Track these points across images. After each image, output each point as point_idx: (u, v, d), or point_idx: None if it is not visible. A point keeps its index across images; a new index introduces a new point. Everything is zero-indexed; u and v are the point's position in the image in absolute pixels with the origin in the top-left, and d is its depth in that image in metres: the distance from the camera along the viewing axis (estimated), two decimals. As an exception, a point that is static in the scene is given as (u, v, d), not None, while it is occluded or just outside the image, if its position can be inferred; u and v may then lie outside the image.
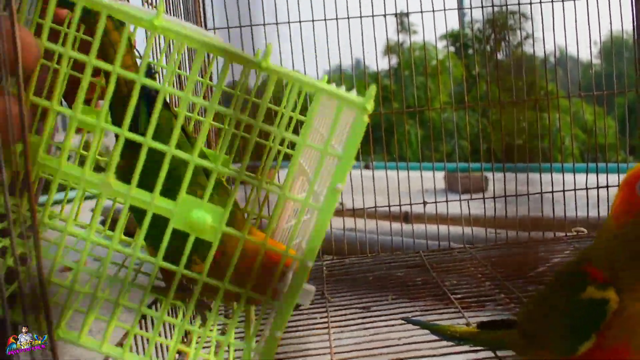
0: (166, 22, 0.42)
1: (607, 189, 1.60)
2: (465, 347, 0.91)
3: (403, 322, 1.02)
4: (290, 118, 0.69)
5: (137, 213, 0.48)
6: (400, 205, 1.61)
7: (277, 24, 1.62)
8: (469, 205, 1.62)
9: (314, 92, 0.44)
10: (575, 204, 1.58)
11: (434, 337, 0.95)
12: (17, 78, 0.35)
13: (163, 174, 0.44)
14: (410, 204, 1.62)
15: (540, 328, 0.73)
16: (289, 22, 1.61)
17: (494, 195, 1.62)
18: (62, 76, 0.46)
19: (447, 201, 1.61)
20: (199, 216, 0.45)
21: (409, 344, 0.96)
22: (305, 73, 1.71)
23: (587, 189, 1.60)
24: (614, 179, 1.60)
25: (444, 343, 0.93)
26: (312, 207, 0.45)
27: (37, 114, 0.56)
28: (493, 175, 1.67)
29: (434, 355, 0.91)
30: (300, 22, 1.62)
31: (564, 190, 1.60)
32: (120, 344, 0.73)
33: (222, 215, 0.46)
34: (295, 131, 0.72)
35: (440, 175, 2.29)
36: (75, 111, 0.45)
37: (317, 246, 0.45)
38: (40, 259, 0.37)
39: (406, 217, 1.84)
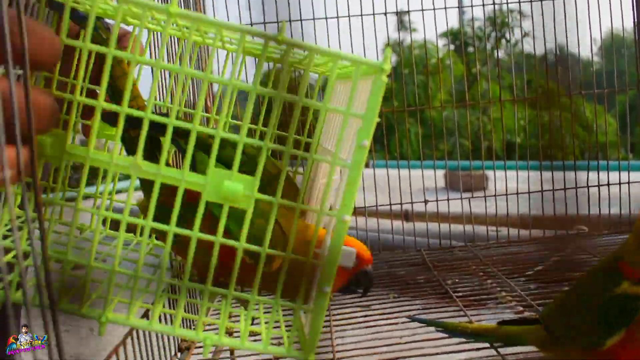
0: (182, 10, 0.44)
1: (608, 187, 1.60)
2: (467, 346, 0.92)
3: (406, 320, 1.03)
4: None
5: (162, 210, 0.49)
6: (401, 203, 1.61)
7: (277, 22, 1.61)
8: (470, 204, 1.62)
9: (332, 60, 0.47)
10: (577, 201, 1.58)
11: (437, 336, 0.95)
12: (24, 70, 0.34)
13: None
14: (412, 202, 1.62)
15: (568, 322, 0.74)
16: (290, 21, 1.61)
17: (495, 193, 1.62)
18: (81, 70, 0.48)
19: (448, 199, 1.61)
20: (231, 186, 0.46)
21: (411, 342, 0.95)
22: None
23: (588, 187, 1.60)
24: (614, 177, 1.60)
25: (447, 342, 0.93)
26: (342, 164, 0.47)
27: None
28: (494, 173, 1.67)
29: (437, 354, 0.91)
30: (301, 20, 1.62)
31: (564, 189, 1.60)
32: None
33: (253, 183, 0.47)
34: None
35: (440, 173, 2.28)
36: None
37: (351, 201, 0.47)
38: (46, 246, 0.37)
39: (407, 216, 1.85)
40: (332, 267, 0.48)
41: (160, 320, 0.51)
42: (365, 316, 1.10)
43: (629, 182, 1.60)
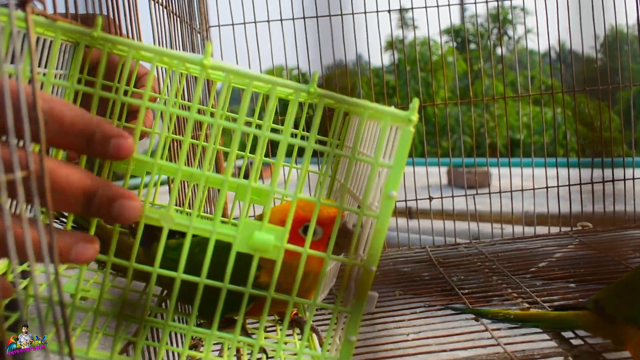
0: (214, 62, 0.44)
1: (613, 183, 1.60)
2: (474, 343, 0.92)
3: (412, 317, 1.04)
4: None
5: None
6: (405, 200, 1.61)
7: (282, 20, 1.62)
8: (474, 201, 1.62)
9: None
10: (581, 198, 1.58)
11: (443, 333, 0.96)
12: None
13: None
14: (416, 199, 1.62)
15: (627, 304, 0.79)
16: (306, 17, 1.62)
17: (499, 190, 1.62)
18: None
19: (452, 196, 1.62)
20: (262, 237, 0.46)
21: (417, 339, 0.96)
22: (299, 68, 1.72)
23: (592, 183, 1.60)
24: (619, 173, 1.60)
25: (452, 339, 0.94)
26: (369, 215, 0.47)
27: None
28: (499, 170, 1.67)
29: (443, 351, 0.91)
30: (304, 18, 1.62)
31: (569, 185, 1.60)
32: None
33: (284, 233, 0.47)
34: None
35: (443, 170, 2.29)
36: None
37: (378, 251, 0.47)
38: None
39: (410, 213, 1.85)
40: (358, 316, 0.48)
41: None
42: (371, 313, 1.10)
43: (633, 178, 1.60)
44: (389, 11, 1.68)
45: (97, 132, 0.40)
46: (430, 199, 1.62)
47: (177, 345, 1.03)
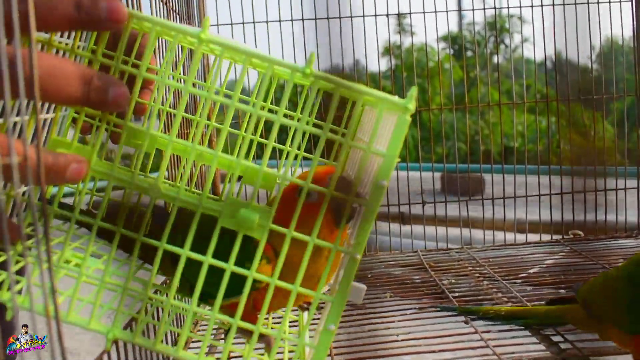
0: (212, 35, 0.45)
1: (605, 192, 1.61)
2: (463, 345, 0.92)
3: (402, 319, 1.05)
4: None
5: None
6: (399, 204, 1.62)
7: (280, 21, 1.62)
8: (467, 207, 1.63)
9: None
10: (573, 206, 1.59)
11: (433, 334, 0.96)
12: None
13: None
14: (409, 204, 1.62)
15: (614, 307, 0.79)
16: (305, 18, 1.62)
17: (492, 196, 1.63)
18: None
19: (445, 202, 1.62)
20: (248, 214, 0.47)
21: (407, 340, 0.96)
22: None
23: (584, 191, 1.61)
24: (611, 183, 1.61)
25: (442, 340, 0.94)
26: (358, 202, 0.46)
27: None
28: (492, 177, 1.68)
29: (432, 352, 0.92)
30: (302, 20, 1.62)
31: (561, 193, 1.61)
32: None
33: (270, 213, 0.47)
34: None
35: (437, 176, 2.29)
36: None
37: (364, 240, 0.46)
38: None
39: (403, 217, 1.85)
40: (340, 305, 0.47)
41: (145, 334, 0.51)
42: (362, 314, 1.10)
43: (625, 188, 1.61)
44: (387, 15, 1.68)
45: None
46: (424, 203, 1.63)
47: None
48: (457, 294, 1.16)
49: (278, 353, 0.63)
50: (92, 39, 0.50)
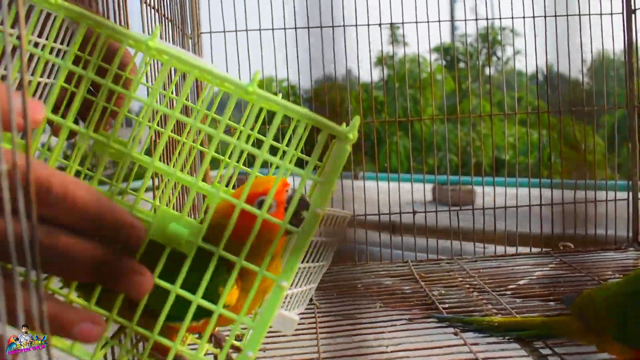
0: (160, 44, 0.45)
1: (595, 205, 1.61)
2: (453, 357, 0.92)
3: (392, 330, 1.04)
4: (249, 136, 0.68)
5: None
6: (390, 213, 1.62)
7: (273, 29, 1.63)
8: (458, 218, 1.63)
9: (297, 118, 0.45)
10: (563, 219, 1.59)
11: (423, 346, 0.96)
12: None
13: None
14: (400, 213, 1.62)
15: (615, 320, 0.78)
16: (298, 27, 1.62)
17: (482, 207, 1.63)
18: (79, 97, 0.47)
19: (436, 211, 1.62)
20: (176, 229, 0.46)
21: (397, 351, 0.96)
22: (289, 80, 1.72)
23: (575, 202, 1.61)
24: (601, 195, 1.62)
25: (432, 352, 0.94)
26: (291, 229, 0.45)
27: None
28: (483, 189, 1.68)
29: (423, 364, 0.92)
30: (295, 28, 1.63)
31: (552, 204, 1.62)
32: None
33: (200, 230, 0.46)
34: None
35: (428, 187, 2.30)
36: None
37: (294, 267, 0.45)
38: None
39: (393, 227, 1.86)
40: (261, 333, 0.45)
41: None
42: (352, 324, 1.10)
43: (615, 200, 1.62)
44: (380, 25, 1.69)
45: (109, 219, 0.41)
46: (414, 212, 1.62)
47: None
48: (447, 305, 1.16)
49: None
50: (74, 44, 0.49)
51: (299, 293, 1.06)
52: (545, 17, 1.64)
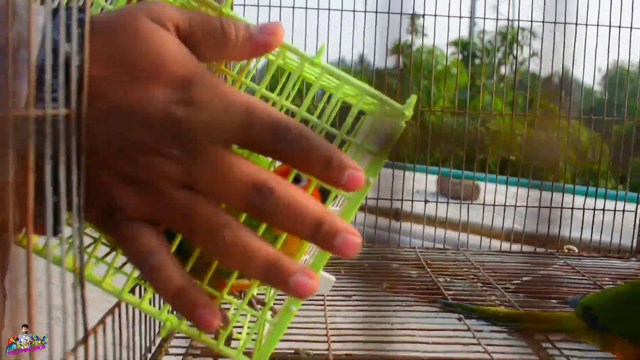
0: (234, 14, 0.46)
1: (602, 212, 1.65)
2: (457, 340, 0.95)
3: (397, 309, 1.07)
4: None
5: None
6: (402, 200, 1.65)
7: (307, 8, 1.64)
8: (468, 212, 1.67)
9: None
10: (571, 222, 1.63)
11: (427, 327, 0.98)
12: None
13: None
14: (412, 200, 1.66)
15: (630, 321, 0.82)
16: (306, 8, 1.64)
17: (483, 202, 1.66)
18: None
19: (447, 202, 1.65)
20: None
21: (402, 329, 0.99)
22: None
23: (572, 208, 1.65)
24: (601, 204, 1.66)
25: (436, 333, 0.96)
26: (342, 194, 0.46)
27: None
28: (485, 185, 1.71)
29: (426, 343, 0.94)
30: (318, 9, 1.64)
31: (550, 207, 1.65)
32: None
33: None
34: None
35: (433, 178, 2.33)
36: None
37: (322, 261, 0.46)
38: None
39: (397, 215, 1.88)
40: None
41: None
42: (358, 300, 1.13)
43: (624, 210, 1.66)
44: (401, 14, 1.70)
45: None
46: (426, 202, 1.65)
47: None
48: (451, 292, 1.18)
49: (237, 327, 0.62)
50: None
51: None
52: (565, 24, 1.66)
